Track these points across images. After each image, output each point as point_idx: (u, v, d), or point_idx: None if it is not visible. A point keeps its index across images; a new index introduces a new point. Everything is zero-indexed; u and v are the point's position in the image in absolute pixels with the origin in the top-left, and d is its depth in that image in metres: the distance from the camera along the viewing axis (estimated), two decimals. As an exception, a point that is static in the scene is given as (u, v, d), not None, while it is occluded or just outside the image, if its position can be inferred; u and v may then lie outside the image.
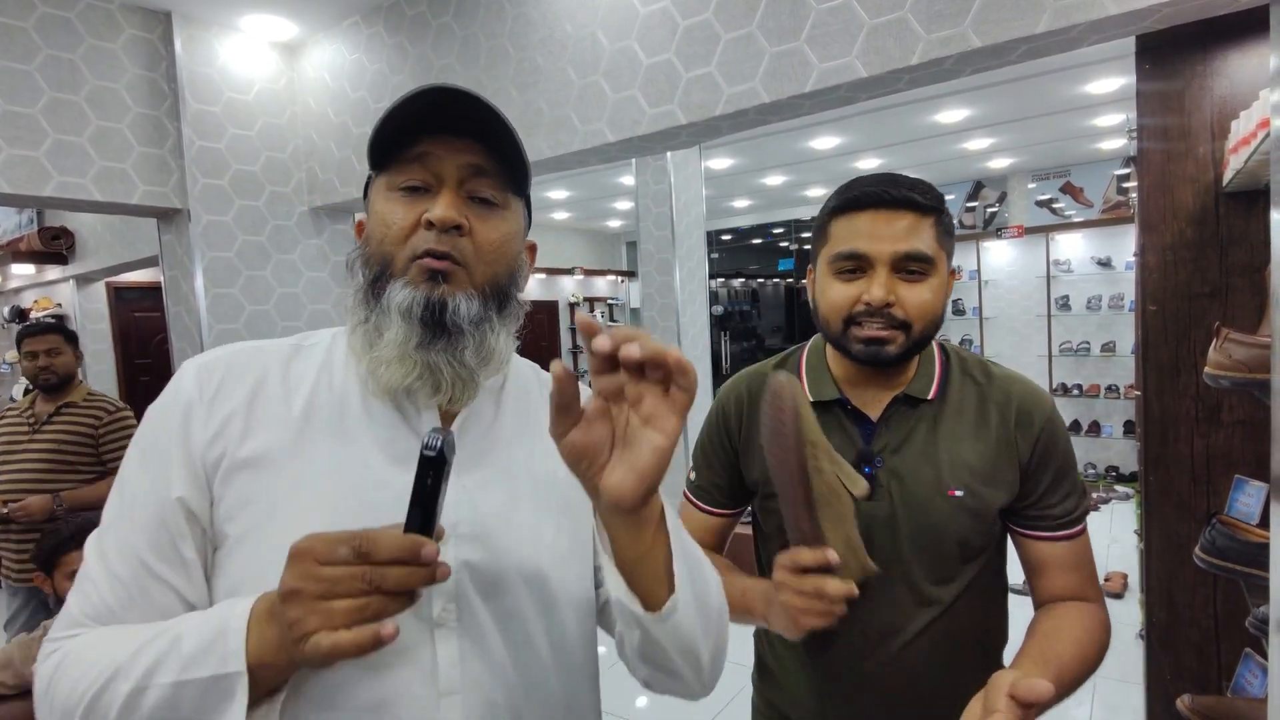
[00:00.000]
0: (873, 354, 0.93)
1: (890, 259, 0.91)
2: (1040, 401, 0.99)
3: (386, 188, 0.71)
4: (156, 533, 0.64)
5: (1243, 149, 1.22)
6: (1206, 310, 1.60)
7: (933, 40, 1.62)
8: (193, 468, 0.66)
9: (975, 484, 0.95)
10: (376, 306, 0.69)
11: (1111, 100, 4.32)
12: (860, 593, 0.91)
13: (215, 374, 0.69)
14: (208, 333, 2.68)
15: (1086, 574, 0.98)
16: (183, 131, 2.61)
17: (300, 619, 0.53)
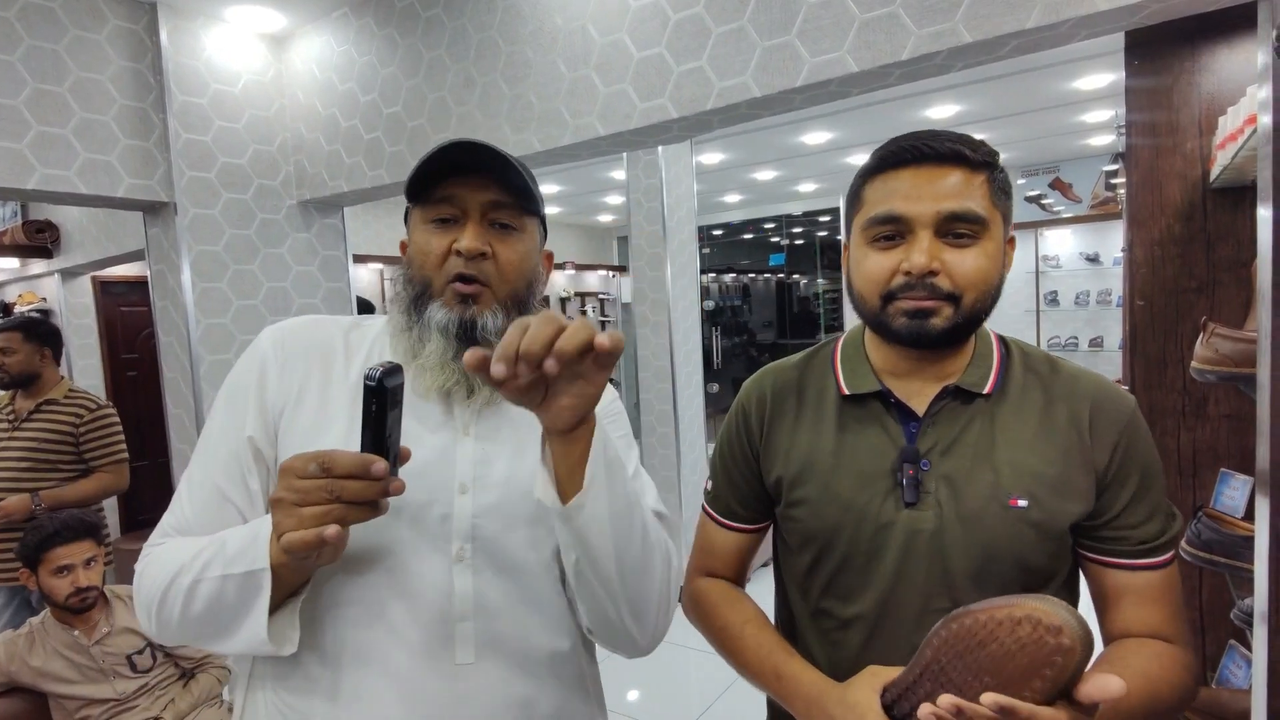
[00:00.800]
0: (916, 329, 0.80)
1: (934, 220, 0.78)
2: (1120, 400, 0.85)
3: (422, 220, 0.86)
4: (229, 464, 0.80)
5: (1230, 145, 1.22)
6: (1194, 305, 1.62)
7: (923, 35, 1.62)
8: (264, 415, 0.82)
9: (1042, 492, 0.80)
10: (419, 321, 0.85)
11: (1100, 96, 4.34)
12: (896, 617, 0.83)
13: (290, 339, 0.86)
14: (195, 327, 2.65)
15: (1171, 610, 0.82)
16: (169, 124, 2.58)
17: (280, 521, 0.66)
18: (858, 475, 0.86)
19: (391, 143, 2.62)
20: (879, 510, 0.84)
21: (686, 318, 3.97)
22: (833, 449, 0.89)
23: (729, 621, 0.94)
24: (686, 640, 3.50)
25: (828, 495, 0.87)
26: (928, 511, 0.82)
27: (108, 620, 1.99)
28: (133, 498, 4.67)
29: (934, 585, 0.82)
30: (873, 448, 0.86)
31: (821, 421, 0.91)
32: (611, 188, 6.44)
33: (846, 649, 0.86)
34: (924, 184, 0.79)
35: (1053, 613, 0.59)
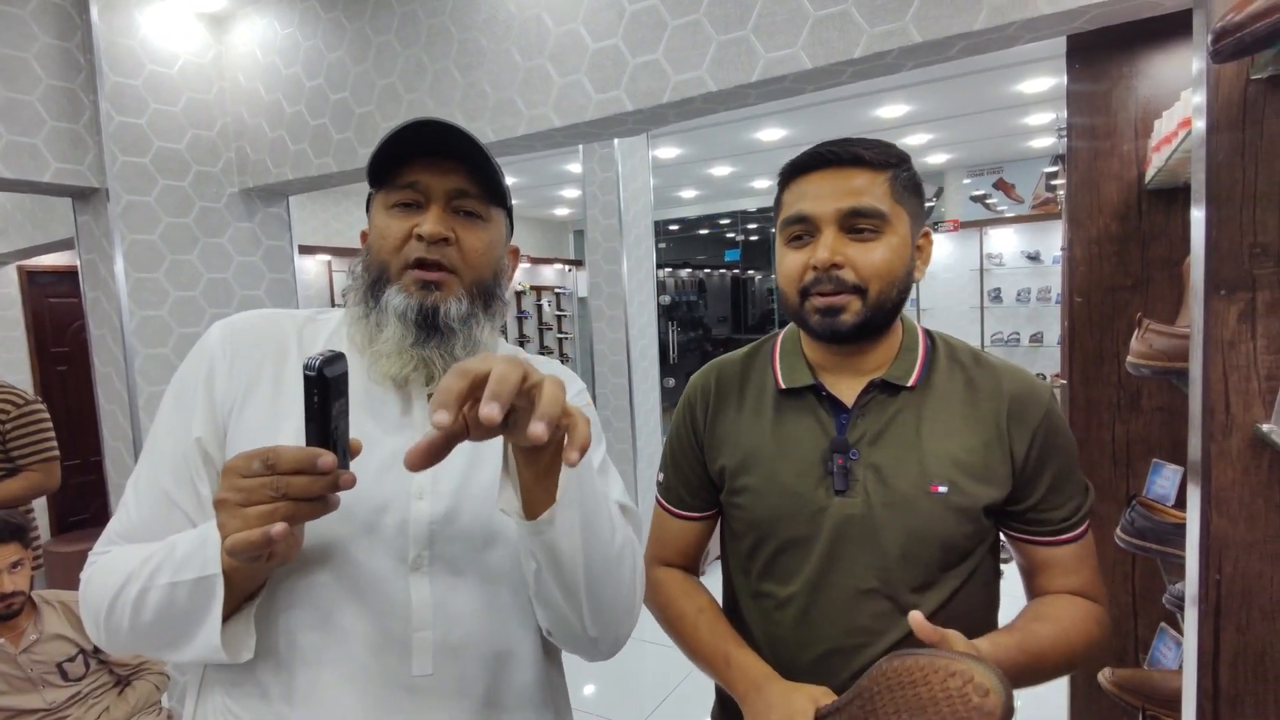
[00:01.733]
0: (829, 325, 0.86)
1: (836, 217, 0.84)
2: (1036, 392, 0.90)
3: (384, 205, 0.83)
4: (177, 467, 0.76)
5: (1164, 147, 1.27)
6: (1129, 302, 1.68)
7: (875, 34, 1.64)
8: (213, 414, 0.77)
9: (962, 479, 0.86)
10: (375, 306, 0.81)
11: (1042, 100, 4.48)
12: (827, 596, 0.88)
13: (239, 335, 0.81)
14: (129, 319, 2.54)
15: (1088, 574, 0.91)
16: (100, 105, 2.46)
17: (224, 523, 0.64)
18: (795, 464, 0.91)
19: (339, 130, 2.54)
20: (813, 497, 0.90)
21: (643, 312, 3.97)
22: (772, 440, 0.94)
23: (684, 611, 0.99)
24: (641, 634, 3.51)
25: (769, 483, 0.92)
26: (856, 499, 0.88)
27: (36, 627, 1.89)
28: (63, 498, 4.46)
29: (863, 567, 0.88)
30: (807, 438, 0.92)
31: (761, 414, 0.96)
32: (567, 181, 6.40)
33: (782, 626, 0.92)
34: (827, 185, 0.85)
35: (986, 676, 0.65)
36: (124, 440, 2.65)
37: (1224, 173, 0.83)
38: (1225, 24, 0.68)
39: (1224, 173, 0.83)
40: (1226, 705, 0.84)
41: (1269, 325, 0.80)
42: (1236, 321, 0.82)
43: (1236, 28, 0.66)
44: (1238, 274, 0.82)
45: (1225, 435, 0.82)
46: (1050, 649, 0.82)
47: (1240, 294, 0.81)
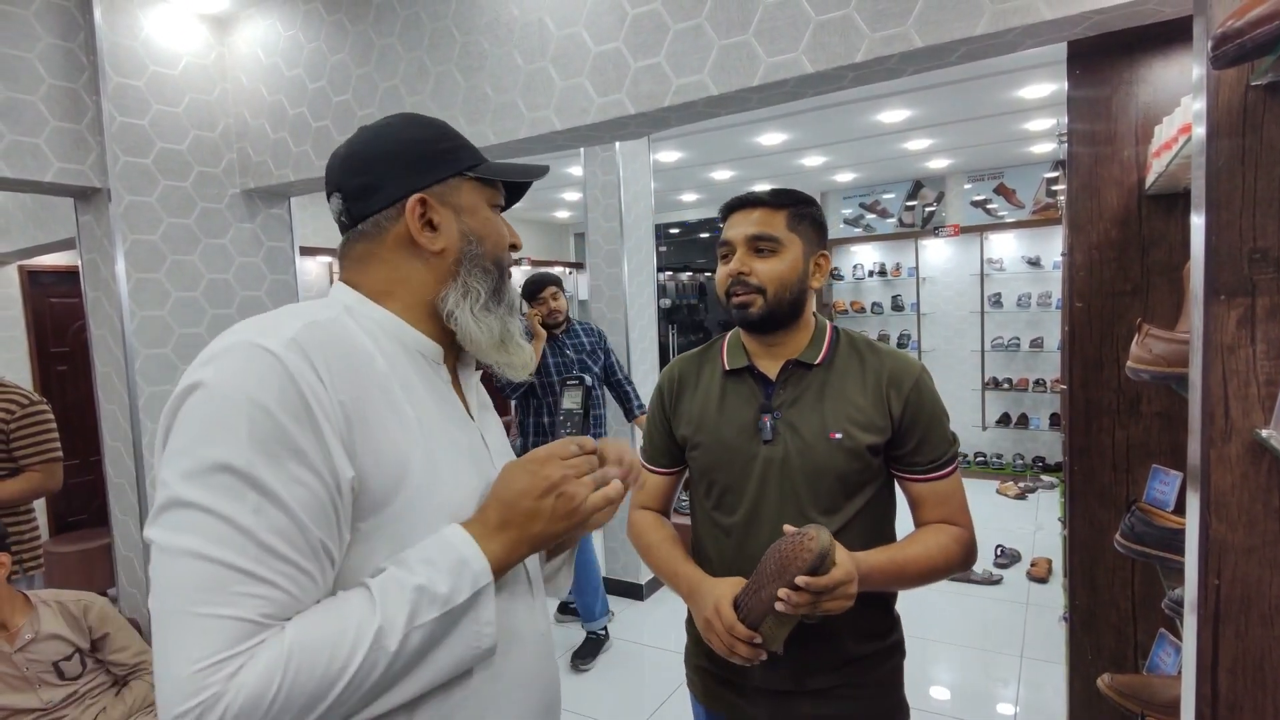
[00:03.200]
0: (742, 317, 1.20)
1: (744, 240, 1.20)
2: (909, 367, 1.21)
3: (489, 201, 0.87)
4: (324, 516, 0.67)
5: (1165, 153, 1.27)
6: (1129, 307, 1.68)
7: (877, 39, 1.64)
8: (340, 445, 0.68)
9: (851, 428, 1.17)
10: (500, 305, 0.85)
11: (1043, 105, 4.48)
12: (760, 522, 1.19)
13: (314, 355, 0.69)
14: (130, 319, 2.54)
15: (955, 505, 1.21)
16: (102, 106, 2.46)
17: (575, 491, 0.78)
18: (733, 425, 1.23)
19: (340, 131, 2.55)
20: (747, 448, 1.21)
21: (643, 315, 3.97)
22: (717, 408, 1.26)
23: (651, 540, 1.31)
24: (639, 637, 3.51)
25: (715, 440, 1.24)
26: (779, 446, 1.19)
27: (32, 626, 1.89)
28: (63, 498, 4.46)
29: (784, 499, 1.18)
30: (743, 405, 1.24)
31: (710, 390, 1.29)
32: (569, 184, 6.41)
33: (728, 547, 1.22)
34: (741, 219, 1.22)
35: (817, 530, 1.00)
36: (124, 440, 2.65)
37: (1224, 178, 0.83)
38: (1225, 30, 0.68)
39: (1224, 178, 0.83)
40: (1226, 711, 0.84)
41: (1269, 330, 0.80)
42: (1236, 327, 0.82)
43: (1237, 34, 0.66)
44: (1237, 279, 0.82)
45: (1224, 440, 0.82)
46: (913, 559, 1.13)
47: (1240, 299, 0.81)
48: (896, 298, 6.75)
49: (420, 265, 0.82)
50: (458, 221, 0.83)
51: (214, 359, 0.67)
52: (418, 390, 0.78)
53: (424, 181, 0.82)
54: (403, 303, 0.82)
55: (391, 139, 0.84)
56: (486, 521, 0.76)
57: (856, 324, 6.95)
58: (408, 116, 0.88)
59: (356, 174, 0.82)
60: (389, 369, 0.76)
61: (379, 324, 0.80)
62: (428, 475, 0.74)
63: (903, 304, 6.71)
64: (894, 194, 6.86)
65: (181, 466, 0.63)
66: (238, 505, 0.62)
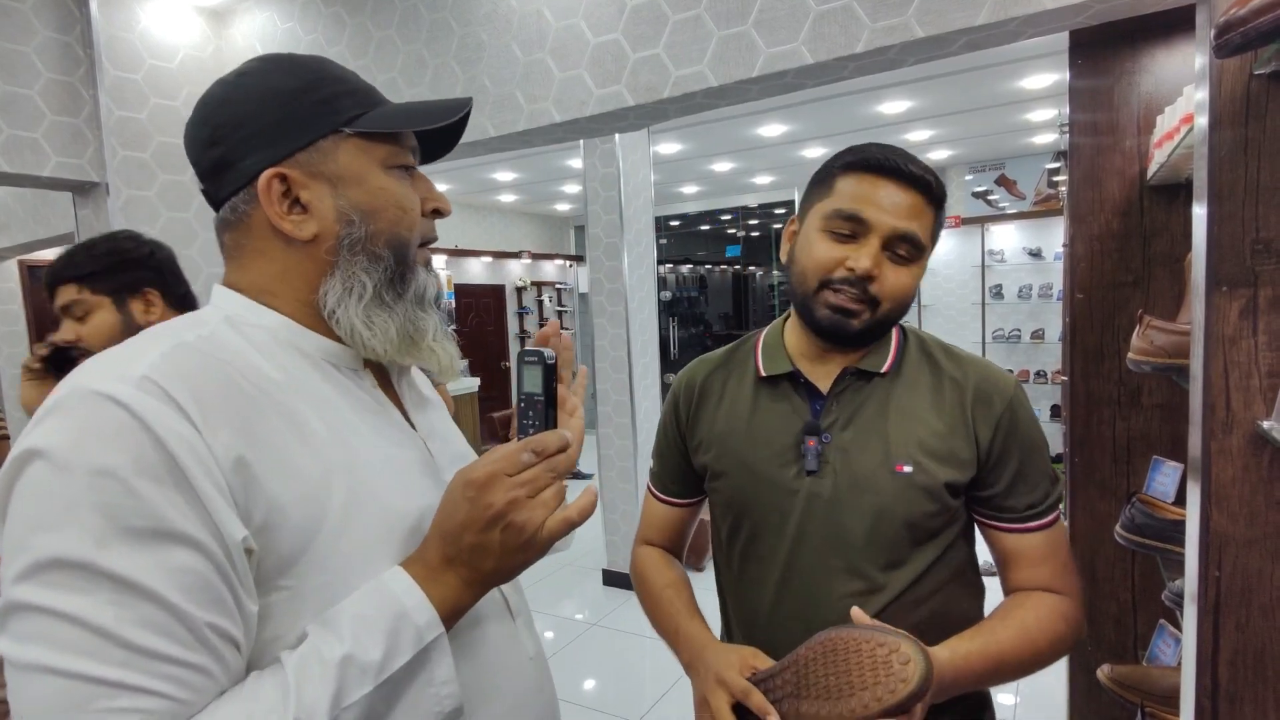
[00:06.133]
0: (836, 324, 0.89)
1: (887, 233, 0.86)
2: (1002, 383, 0.93)
3: (383, 161, 0.67)
4: (214, 593, 0.53)
5: (1167, 143, 1.27)
6: (1130, 298, 1.68)
7: (877, 29, 1.63)
8: (225, 500, 0.54)
9: (925, 459, 0.89)
10: (403, 299, 0.69)
11: (1044, 96, 4.46)
12: (797, 578, 0.91)
13: (178, 391, 0.55)
14: (130, 314, 2.54)
15: (1057, 566, 0.92)
16: (100, 100, 2.46)
17: (526, 520, 0.61)
18: (766, 448, 0.95)
19: (340, 125, 2.54)
20: (784, 479, 0.93)
21: (643, 308, 3.97)
22: (747, 426, 0.98)
23: (652, 585, 1.06)
24: (641, 629, 3.52)
25: (742, 467, 0.96)
26: (826, 479, 0.91)
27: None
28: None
29: (830, 546, 0.90)
30: (780, 423, 0.95)
31: (739, 402, 1.00)
32: (569, 176, 6.39)
33: (760, 608, 0.94)
34: (892, 200, 0.87)
35: (911, 648, 0.72)
36: (125, 435, 2.66)
37: (1226, 168, 0.82)
38: (1229, 19, 0.67)
39: (1226, 168, 0.82)
40: (1225, 702, 0.84)
41: (1270, 321, 0.80)
42: (1238, 318, 0.81)
43: (1240, 22, 0.66)
44: (1239, 270, 0.81)
45: (1226, 432, 0.82)
46: (1011, 651, 0.84)
47: (1242, 290, 0.81)
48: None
49: (298, 255, 0.66)
50: (333, 196, 0.65)
51: (50, 414, 0.53)
52: (332, 405, 0.65)
53: (283, 150, 0.64)
54: (291, 302, 0.66)
55: (246, 95, 0.64)
56: (428, 560, 0.62)
57: (857, 316, 6.92)
58: (271, 59, 0.67)
59: (206, 145, 0.65)
60: (289, 385, 0.62)
61: (270, 332, 0.65)
62: (354, 505, 0.61)
63: (904, 296, 6.70)
64: (895, 185, 6.84)
65: (17, 564, 0.50)
66: (87, 602, 0.49)
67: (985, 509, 0.93)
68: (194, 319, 0.65)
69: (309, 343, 0.66)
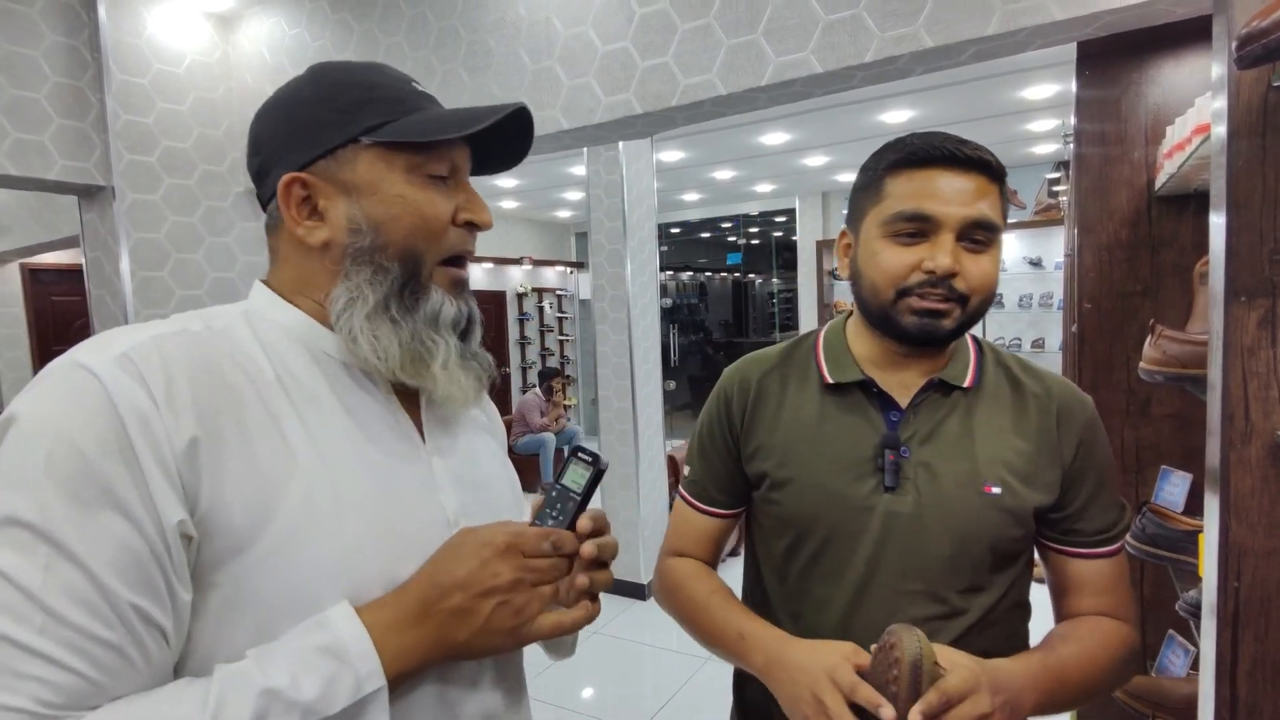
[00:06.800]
0: (928, 328, 0.83)
1: (959, 224, 0.81)
2: (1084, 401, 0.90)
3: (408, 169, 0.65)
4: (142, 571, 0.52)
5: (1177, 154, 1.27)
6: (1139, 308, 1.68)
7: (886, 39, 1.64)
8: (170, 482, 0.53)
9: (1014, 481, 0.85)
10: (412, 315, 0.66)
11: (1046, 106, 4.48)
12: (872, 598, 0.86)
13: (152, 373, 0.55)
14: (133, 318, 2.53)
15: (1122, 595, 0.89)
16: (107, 104, 2.46)
17: (524, 604, 0.60)
18: (838, 461, 0.89)
19: (346, 131, 2.54)
20: (858, 494, 0.87)
21: (646, 315, 3.97)
22: (814, 435, 0.91)
23: (695, 593, 0.96)
24: (641, 637, 3.50)
25: (809, 479, 0.90)
26: (907, 496, 0.85)
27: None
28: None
29: (910, 567, 0.85)
30: (854, 434, 0.89)
31: (803, 408, 0.93)
32: (571, 183, 6.40)
33: (823, 628, 0.87)
34: (953, 188, 0.81)
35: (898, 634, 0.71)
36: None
37: (1244, 179, 0.82)
38: (1250, 30, 0.68)
39: (1244, 179, 0.82)
40: (1244, 713, 0.84)
41: (1289, 332, 0.80)
42: (1256, 328, 0.81)
43: (1261, 34, 0.66)
44: (1257, 280, 0.81)
45: (1244, 442, 0.82)
46: (1072, 663, 0.81)
47: (1260, 300, 0.81)
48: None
49: (314, 261, 0.66)
50: (347, 205, 0.64)
51: (35, 384, 0.54)
52: (327, 408, 0.63)
53: (304, 157, 0.65)
54: (312, 304, 0.67)
55: (278, 104, 0.67)
56: (404, 607, 0.58)
57: (858, 324, 6.93)
58: (316, 68, 0.69)
59: (252, 154, 0.69)
60: (285, 385, 0.62)
61: (286, 329, 0.65)
62: (304, 517, 0.57)
63: (904, 304, 6.71)
64: (896, 194, 6.86)
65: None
66: (23, 561, 0.49)
67: (1054, 532, 0.90)
68: (216, 311, 0.66)
69: (328, 343, 0.66)
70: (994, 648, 0.86)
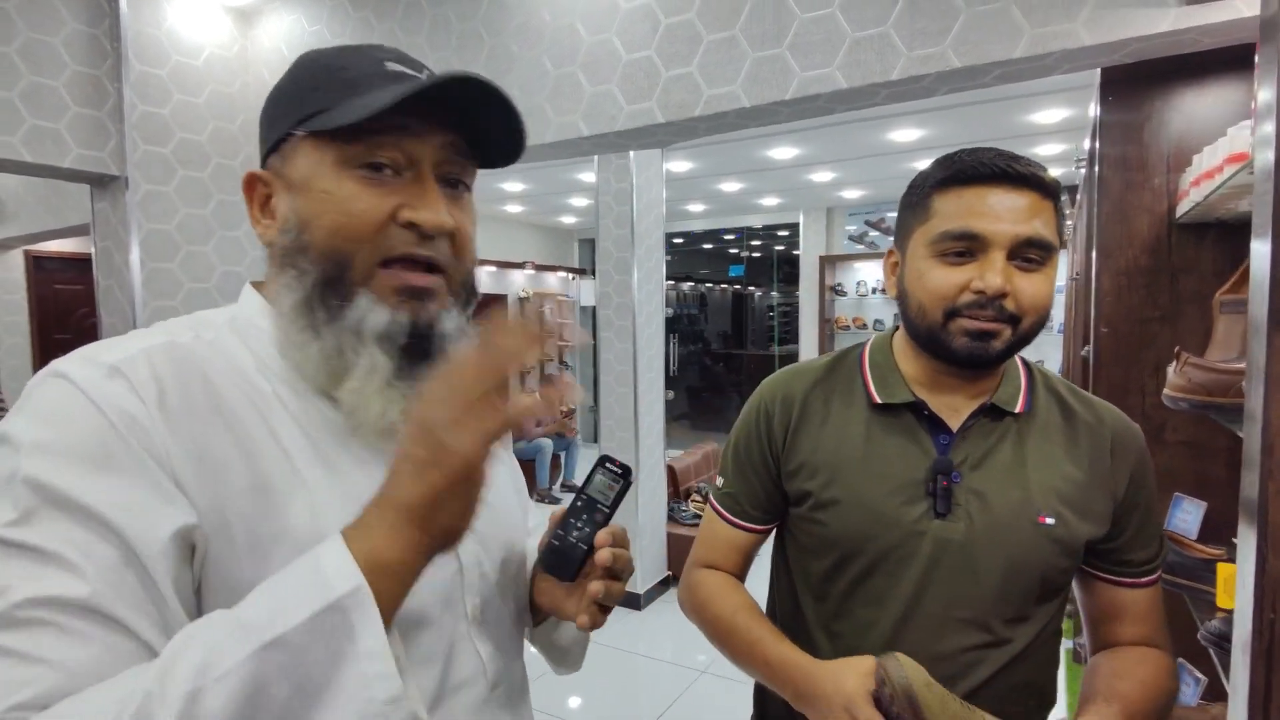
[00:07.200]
0: (978, 350, 0.81)
1: (1010, 243, 0.79)
2: (1136, 432, 0.89)
3: (339, 162, 0.58)
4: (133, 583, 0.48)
5: (1205, 182, 1.27)
6: (1157, 334, 1.68)
7: (913, 58, 1.64)
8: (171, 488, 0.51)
9: (1068, 512, 0.84)
10: (334, 324, 0.58)
11: (1055, 130, 4.50)
12: (917, 624, 0.85)
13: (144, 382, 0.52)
14: (141, 309, 2.52)
15: (1158, 622, 0.90)
16: (124, 94, 2.45)
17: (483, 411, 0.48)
18: (887, 483, 0.87)
19: (363, 129, 2.54)
20: (907, 518, 0.85)
21: (651, 323, 3.96)
22: (862, 455, 0.89)
23: (720, 611, 0.95)
24: (635, 648, 3.48)
25: (857, 501, 0.88)
26: (959, 523, 0.84)
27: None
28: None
29: (958, 594, 0.84)
30: (904, 457, 0.87)
31: (849, 427, 0.91)
32: (577, 189, 6.40)
33: (861, 652, 0.84)
34: (1003, 205, 0.79)
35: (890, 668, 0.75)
36: (129, 431, 2.63)
37: (1290, 210, 0.82)
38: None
39: (1290, 210, 0.82)
40: (1278, 747, 0.83)
41: (1332, 364, 0.79)
42: (1299, 359, 0.81)
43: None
44: (1301, 312, 0.81)
45: (1284, 473, 0.81)
46: (1140, 707, 0.81)
47: (1303, 332, 0.81)
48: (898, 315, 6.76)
49: (271, 261, 0.62)
50: (288, 201, 0.60)
51: (22, 400, 0.52)
52: (325, 421, 0.60)
53: (264, 152, 0.62)
54: None
55: (267, 97, 0.64)
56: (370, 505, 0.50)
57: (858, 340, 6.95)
58: (299, 57, 0.64)
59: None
60: (280, 400, 0.58)
61: (273, 338, 0.62)
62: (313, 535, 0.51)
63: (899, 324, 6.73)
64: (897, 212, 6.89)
65: None
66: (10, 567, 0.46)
67: (1103, 562, 0.89)
68: (204, 320, 0.62)
69: None
70: (1032, 677, 0.87)
